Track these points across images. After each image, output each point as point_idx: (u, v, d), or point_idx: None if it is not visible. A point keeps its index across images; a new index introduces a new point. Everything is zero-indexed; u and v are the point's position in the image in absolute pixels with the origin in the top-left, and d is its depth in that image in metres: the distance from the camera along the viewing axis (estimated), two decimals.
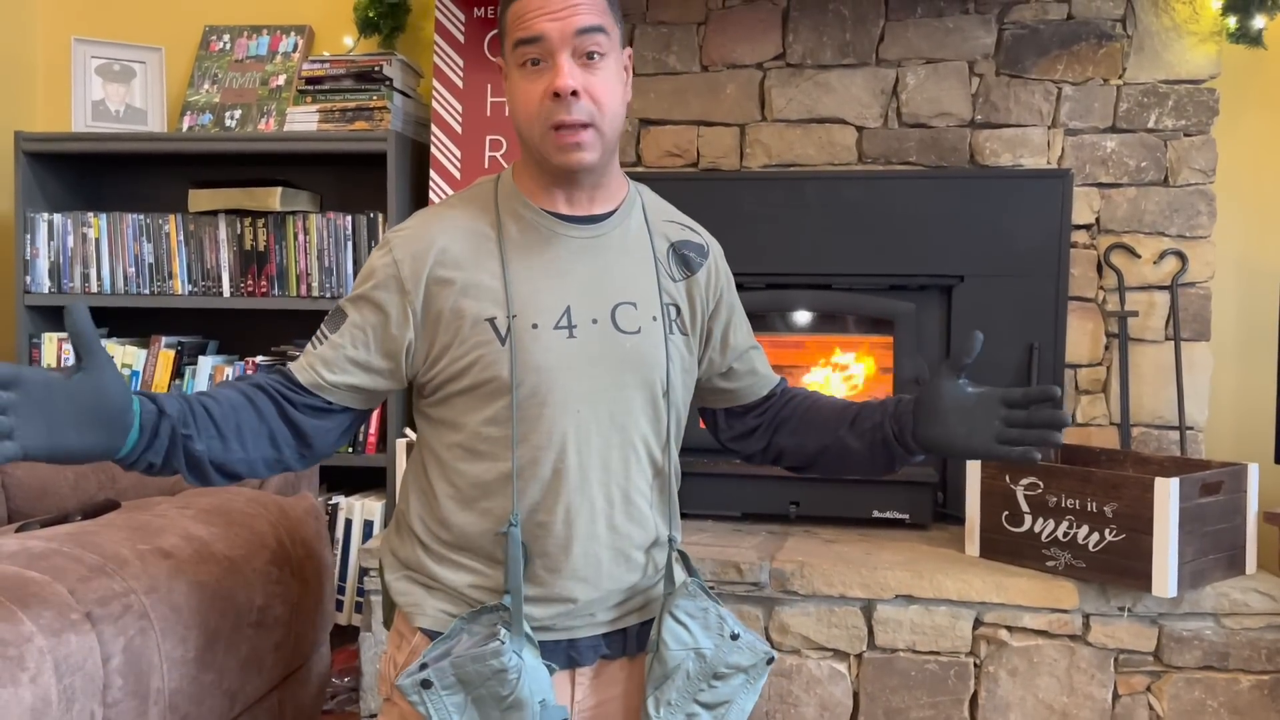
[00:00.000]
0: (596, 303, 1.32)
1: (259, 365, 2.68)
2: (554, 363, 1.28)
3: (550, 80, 1.24)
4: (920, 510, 2.39)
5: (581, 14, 1.24)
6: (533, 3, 1.25)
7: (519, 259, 1.31)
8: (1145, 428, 2.47)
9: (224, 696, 1.55)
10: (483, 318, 1.28)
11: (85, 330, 1.05)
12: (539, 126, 1.26)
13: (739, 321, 1.51)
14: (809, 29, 2.58)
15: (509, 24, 1.28)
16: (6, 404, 0.99)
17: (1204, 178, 2.44)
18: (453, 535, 1.33)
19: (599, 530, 1.31)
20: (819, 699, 2.07)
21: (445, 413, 1.32)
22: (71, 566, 1.36)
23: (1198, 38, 2.44)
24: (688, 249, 1.42)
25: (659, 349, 1.34)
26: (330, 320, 1.32)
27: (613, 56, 1.29)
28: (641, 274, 1.37)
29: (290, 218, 2.65)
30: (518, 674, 1.21)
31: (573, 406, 1.29)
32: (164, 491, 1.98)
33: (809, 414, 1.48)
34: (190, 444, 1.16)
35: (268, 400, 1.26)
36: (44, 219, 2.70)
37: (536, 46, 1.25)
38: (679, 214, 1.48)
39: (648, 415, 1.35)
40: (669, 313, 1.38)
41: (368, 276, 1.30)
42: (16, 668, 1.17)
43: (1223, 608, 1.97)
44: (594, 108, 1.26)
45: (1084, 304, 2.50)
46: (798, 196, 2.52)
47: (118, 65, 2.80)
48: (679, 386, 1.38)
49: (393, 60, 2.65)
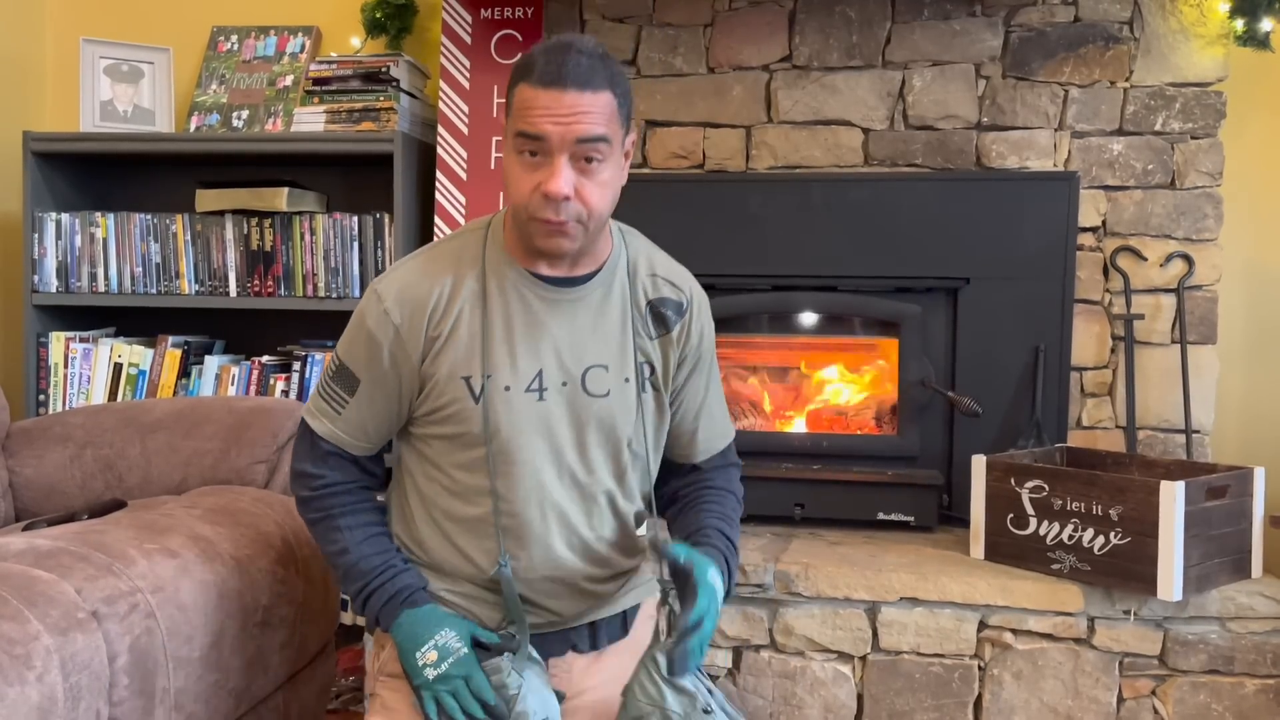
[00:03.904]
0: (568, 366, 1.40)
1: (264, 365, 2.69)
2: (522, 424, 1.38)
3: (545, 179, 1.27)
4: (925, 513, 2.39)
5: (585, 123, 1.26)
6: (542, 98, 1.26)
7: (499, 319, 1.38)
8: (1151, 431, 2.47)
9: (230, 696, 1.56)
10: (459, 375, 1.37)
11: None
12: (526, 213, 1.31)
13: (696, 381, 1.53)
14: (815, 31, 2.58)
15: (515, 107, 1.30)
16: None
17: (1211, 180, 2.44)
18: (428, 557, 1.46)
19: (562, 574, 1.43)
20: (823, 701, 2.07)
21: (427, 450, 1.44)
22: (78, 565, 1.37)
23: (1205, 40, 2.43)
24: (665, 306, 1.47)
25: (628, 411, 1.43)
26: (341, 379, 1.42)
27: (612, 159, 1.31)
28: (618, 334, 1.43)
29: (297, 218, 2.65)
30: (516, 689, 1.32)
31: (538, 464, 1.39)
32: (170, 491, 1.99)
33: (685, 511, 1.53)
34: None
35: (372, 496, 1.49)
36: (52, 219, 2.70)
37: (537, 144, 1.27)
38: (665, 264, 1.51)
39: (612, 472, 1.45)
40: (643, 371, 1.45)
41: (367, 339, 1.38)
42: (23, 666, 1.17)
43: (1228, 612, 1.97)
44: (582, 210, 1.30)
45: (1090, 307, 2.49)
46: (804, 198, 2.52)
47: (126, 66, 2.81)
48: (647, 443, 1.46)
49: (399, 61, 2.65)
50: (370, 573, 1.40)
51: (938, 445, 2.51)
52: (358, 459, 1.45)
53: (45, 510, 1.99)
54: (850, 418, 2.60)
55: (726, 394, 2.61)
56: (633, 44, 2.65)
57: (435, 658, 1.34)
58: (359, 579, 1.41)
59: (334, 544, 1.43)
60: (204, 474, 1.99)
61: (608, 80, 1.28)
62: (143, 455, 2.02)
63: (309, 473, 1.44)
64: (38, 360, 2.72)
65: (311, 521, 1.46)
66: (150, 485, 2.01)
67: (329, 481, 1.43)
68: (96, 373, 2.72)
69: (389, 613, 1.39)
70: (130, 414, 2.09)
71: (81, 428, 2.06)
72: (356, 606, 1.43)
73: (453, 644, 1.35)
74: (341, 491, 1.44)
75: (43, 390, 2.72)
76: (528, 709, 1.31)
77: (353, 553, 1.41)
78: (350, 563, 1.41)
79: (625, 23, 2.65)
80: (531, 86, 1.27)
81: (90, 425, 2.06)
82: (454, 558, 1.43)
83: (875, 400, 2.60)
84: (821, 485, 2.43)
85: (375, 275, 2.61)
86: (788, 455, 2.53)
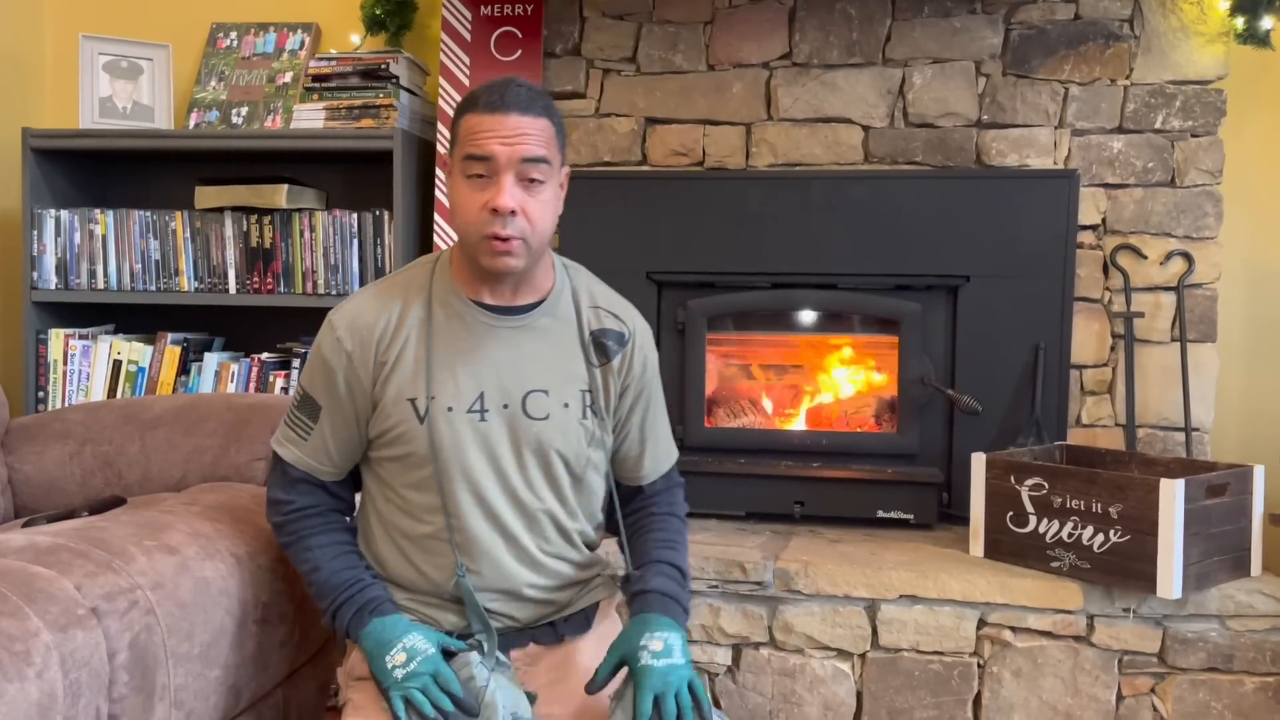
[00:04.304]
0: (509, 389, 1.48)
1: (264, 362, 2.69)
2: (464, 444, 1.46)
3: (492, 196, 1.38)
4: (925, 510, 2.39)
5: (528, 145, 1.39)
6: (487, 122, 1.39)
7: (443, 345, 1.47)
8: (1151, 429, 2.47)
9: (230, 693, 1.56)
10: (405, 397, 1.46)
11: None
12: (475, 233, 1.41)
13: (641, 409, 1.61)
14: (815, 28, 2.58)
15: (461, 135, 1.42)
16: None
17: (1211, 179, 2.43)
18: (387, 574, 1.54)
19: (513, 586, 1.50)
20: (822, 698, 2.07)
21: (381, 472, 1.52)
22: (78, 562, 1.36)
23: (1205, 38, 2.43)
24: (607, 337, 1.55)
25: (568, 434, 1.50)
26: (305, 407, 1.52)
27: (551, 184, 1.44)
28: (559, 361, 1.52)
29: (296, 215, 2.65)
30: (485, 681, 1.37)
31: (482, 483, 1.47)
32: (170, 488, 1.99)
33: (633, 538, 1.61)
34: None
35: (343, 519, 1.57)
36: (51, 215, 2.70)
37: (484, 165, 1.39)
38: (608, 297, 1.60)
39: (553, 491, 1.52)
40: (584, 399, 1.52)
41: (323, 366, 1.49)
42: (23, 663, 1.17)
43: (1227, 610, 1.97)
44: (527, 226, 1.40)
45: (1090, 305, 2.49)
46: (804, 196, 2.52)
47: (125, 62, 2.81)
48: (589, 464, 1.54)
49: (399, 58, 2.65)
50: (340, 586, 1.48)
51: (937, 443, 2.51)
52: (326, 484, 1.54)
53: (45, 507, 1.99)
54: (850, 416, 2.60)
55: (728, 392, 2.65)
56: (633, 41, 2.65)
57: (404, 659, 1.39)
58: (330, 593, 1.48)
59: (306, 563, 1.51)
60: (204, 471, 1.99)
61: (545, 110, 1.42)
62: (142, 452, 2.02)
63: (280, 499, 1.53)
64: (37, 357, 2.72)
65: (286, 545, 1.54)
66: (150, 482, 2.00)
67: (299, 506, 1.52)
68: (96, 370, 2.72)
69: (358, 622, 1.45)
70: (130, 411, 2.09)
71: (81, 424, 2.06)
72: (327, 620, 1.50)
73: (420, 645, 1.41)
74: (312, 515, 1.52)
75: (42, 387, 2.72)
76: (497, 701, 1.35)
77: (323, 569, 1.49)
78: (321, 579, 1.49)
79: (625, 20, 2.65)
80: (477, 114, 1.40)
81: (90, 422, 2.06)
82: (410, 573, 1.51)
83: (875, 398, 2.60)
84: (821, 483, 2.43)
85: (375, 272, 2.62)
86: (787, 453, 2.53)
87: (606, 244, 2.57)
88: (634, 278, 2.56)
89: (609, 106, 2.67)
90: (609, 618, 1.66)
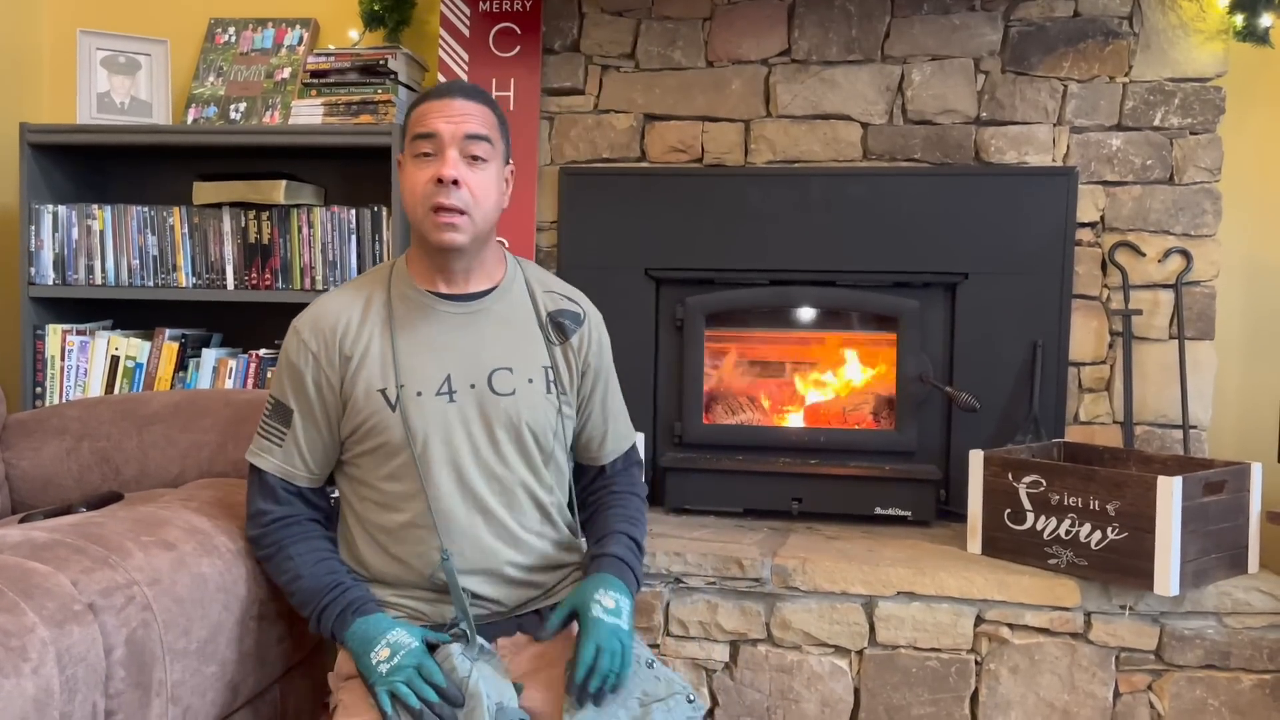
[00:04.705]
0: (474, 370, 1.54)
1: (262, 358, 2.68)
2: (436, 425, 1.51)
3: (437, 169, 1.47)
4: (923, 507, 2.39)
5: (472, 124, 1.49)
6: (434, 106, 1.50)
7: (405, 335, 1.54)
8: (1149, 426, 2.47)
9: (227, 689, 1.56)
10: (374, 388, 1.51)
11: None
12: (422, 207, 1.49)
13: (600, 390, 1.68)
14: (815, 25, 2.58)
15: (410, 122, 1.52)
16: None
17: (1210, 176, 2.43)
18: (370, 574, 1.58)
19: (494, 565, 1.54)
20: (820, 695, 2.07)
21: (355, 471, 1.57)
22: (74, 558, 1.36)
23: (1204, 35, 2.43)
24: (564, 317, 1.63)
25: (535, 408, 1.56)
26: (277, 414, 1.56)
27: (494, 165, 1.52)
28: (520, 341, 1.58)
29: (295, 211, 2.64)
30: (467, 673, 1.38)
31: (457, 461, 1.52)
32: (167, 483, 1.99)
33: (594, 515, 1.68)
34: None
35: (322, 527, 1.59)
36: (48, 210, 2.70)
37: (430, 142, 1.48)
38: (561, 285, 1.69)
39: (527, 465, 1.57)
40: (547, 374, 1.58)
41: (291, 370, 1.54)
42: (19, 658, 1.17)
43: (1224, 607, 1.97)
44: (471, 199, 1.48)
45: (1088, 302, 2.49)
46: (802, 193, 2.52)
47: (123, 57, 2.80)
48: (555, 438, 1.60)
49: (398, 54, 2.65)
50: (321, 590, 1.50)
51: (935, 440, 2.51)
52: (303, 492, 1.57)
53: (42, 503, 1.99)
54: (848, 412, 2.60)
55: (725, 388, 2.65)
56: (631, 37, 2.65)
57: (388, 654, 1.41)
58: (313, 598, 1.50)
59: (286, 573, 1.53)
60: (201, 466, 1.99)
61: (487, 101, 1.54)
62: (140, 448, 2.01)
63: (259, 510, 1.56)
64: (34, 353, 2.71)
65: (266, 558, 1.57)
66: (147, 478, 2.00)
67: (277, 516, 1.55)
68: (93, 365, 2.72)
69: (341, 623, 1.48)
70: (127, 407, 2.09)
71: (78, 420, 2.06)
72: (312, 625, 1.51)
73: (403, 639, 1.43)
74: (290, 524, 1.55)
75: (39, 383, 2.72)
76: (481, 691, 1.36)
77: (305, 577, 1.51)
78: (303, 586, 1.51)
79: (624, 16, 2.65)
80: (425, 102, 1.51)
81: (87, 418, 2.06)
82: (393, 567, 1.54)
83: (873, 395, 2.60)
84: (819, 480, 2.43)
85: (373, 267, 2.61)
86: (785, 450, 2.53)
87: (605, 240, 2.57)
88: (632, 274, 2.56)
89: (608, 103, 2.66)
90: None
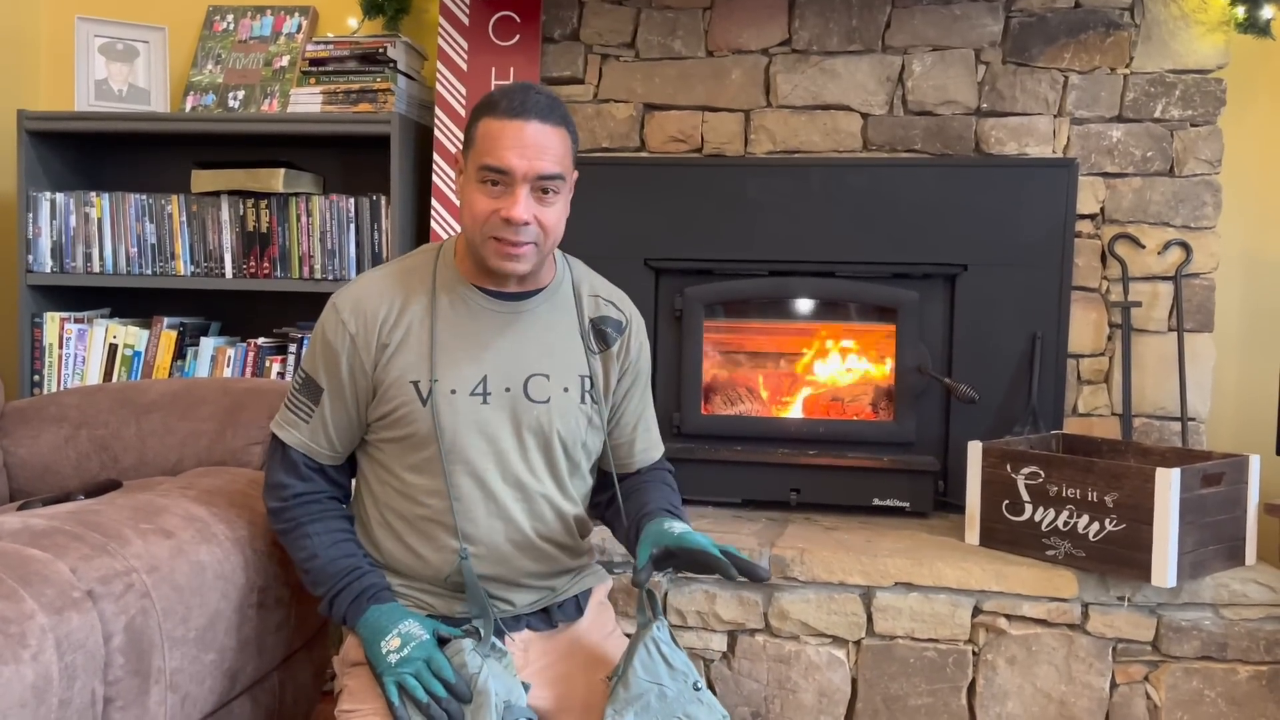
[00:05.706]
0: (511, 373, 1.50)
1: (260, 346, 2.68)
2: (466, 425, 1.47)
3: (506, 206, 1.40)
4: (921, 498, 2.39)
5: (547, 162, 1.41)
6: (507, 130, 1.40)
7: (446, 329, 1.49)
8: (1147, 418, 2.47)
9: (225, 676, 1.56)
10: (408, 379, 1.47)
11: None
12: (481, 233, 1.43)
13: (636, 396, 1.65)
14: (815, 15, 2.57)
15: (479, 139, 1.43)
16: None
17: (1210, 168, 2.43)
18: (384, 559, 1.54)
19: (508, 570, 1.52)
20: (817, 685, 2.07)
21: (379, 455, 1.53)
22: (73, 545, 1.36)
23: (1206, 27, 2.42)
24: (606, 324, 1.59)
25: (567, 417, 1.53)
26: (306, 390, 1.52)
27: (564, 194, 1.47)
28: (560, 347, 1.54)
29: (293, 199, 2.64)
30: (477, 669, 1.37)
31: (481, 464, 1.48)
32: (166, 471, 1.99)
33: (629, 498, 1.62)
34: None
35: (341, 505, 1.57)
36: (46, 198, 2.69)
37: (501, 175, 1.40)
38: (606, 287, 1.64)
39: (551, 475, 1.54)
40: (583, 384, 1.55)
41: (326, 348, 1.49)
42: (18, 645, 1.17)
43: (1222, 598, 1.98)
44: (540, 233, 1.44)
45: (1087, 294, 2.49)
46: (802, 183, 2.51)
47: (121, 44, 2.79)
48: (584, 449, 1.57)
49: (397, 42, 2.64)
50: (338, 574, 1.48)
51: (934, 431, 2.51)
52: (325, 469, 1.54)
53: (40, 490, 1.98)
54: (847, 404, 2.60)
55: (725, 379, 2.65)
56: (631, 26, 2.64)
57: (398, 644, 1.39)
58: (327, 580, 1.48)
59: (303, 550, 1.50)
60: (199, 455, 1.99)
61: (563, 119, 1.44)
62: (138, 436, 2.01)
63: (280, 482, 1.52)
64: (32, 341, 2.71)
65: (282, 532, 1.54)
66: (145, 466, 2.00)
67: (298, 491, 1.52)
68: (91, 354, 2.71)
69: (356, 609, 1.46)
70: (126, 395, 2.09)
71: (77, 408, 2.05)
72: (324, 607, 1.50)
73: (415, 631, 1.42)
74: (310, 500, 1.52)
75: (37, 371, 2.71)
76: (489, 689, 1.35)
77: (321, 557, 1.49)
78: (319, 566, 1.49)
79: (624, 4, 2.64)
80: (496, 119, 1.40)
81: (85, 406, 2.06)
82: (407, 557, 1.52)
83: (872, 386, 2.60)
84: (817, 470, 2.43)
85: (372, 257, 2.61)
86: (784, 440, 2.53)
87: (604, 230, 2.56)
88: (631, 264, 2.55)
89: (607, 92, 2.66)
90: (601, 605, 1.67)
